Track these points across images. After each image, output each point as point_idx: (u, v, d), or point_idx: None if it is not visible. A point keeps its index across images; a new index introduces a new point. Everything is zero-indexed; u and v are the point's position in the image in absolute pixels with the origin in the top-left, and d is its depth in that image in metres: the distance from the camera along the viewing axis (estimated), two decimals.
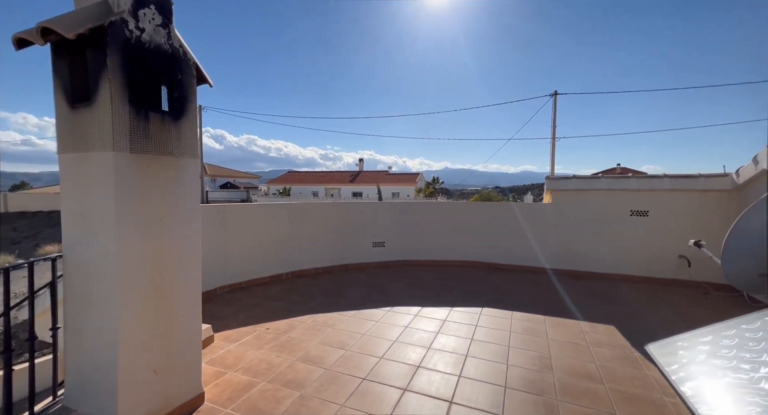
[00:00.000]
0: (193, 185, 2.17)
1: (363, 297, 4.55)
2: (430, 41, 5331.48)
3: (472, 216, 6.33)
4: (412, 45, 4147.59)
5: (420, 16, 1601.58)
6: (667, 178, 5.02)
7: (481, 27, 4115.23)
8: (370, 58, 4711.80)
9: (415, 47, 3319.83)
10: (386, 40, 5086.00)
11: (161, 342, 2.01)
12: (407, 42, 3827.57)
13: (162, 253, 1.99)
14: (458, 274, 5.76)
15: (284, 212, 5.42)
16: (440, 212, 6.45)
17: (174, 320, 2.09)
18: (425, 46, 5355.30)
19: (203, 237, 4.46)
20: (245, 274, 4.94)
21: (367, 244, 6.19)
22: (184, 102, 2.09)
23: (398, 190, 38.81)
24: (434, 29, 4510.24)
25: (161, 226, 1.98)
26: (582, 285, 5.16)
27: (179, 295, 2.11)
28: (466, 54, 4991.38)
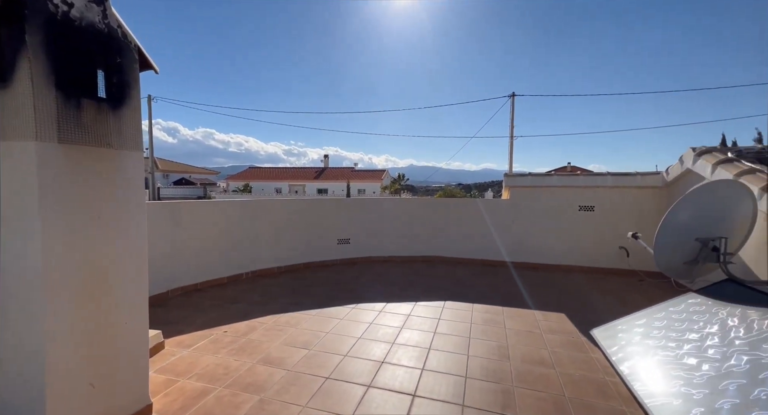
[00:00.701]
0: (136, 180, 1.99)
1: (328, 295, 4.49)
2: (398, 39, 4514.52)
3: (437, 212, 6.47)
4: (379, 43, 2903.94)
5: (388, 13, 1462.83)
6: (610, 176, 5.47)
7: (447, 28, 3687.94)
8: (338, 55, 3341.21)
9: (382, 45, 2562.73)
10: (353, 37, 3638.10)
11: (101, 352, 1.83)
12: (374, 40, 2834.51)
13: (99, 255, 1.81)
14: (423, 269, 5.87)
15: (243, 209, 5.18)
16: (405, 209, 6.52)
17: (115, 328, 1.91)
18: (393, 45, 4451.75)
19: (153, 236, 4.17)
20: (201, 275, 4.66)
21: (332, 241, 6.11)
22: (124, 89, 1.90)
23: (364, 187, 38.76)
24: (403, 27, 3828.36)
25: (98, 225, 1.79)
26: (537, 276, 5.48)
27: (121, 300, 1.94)
28: (432, 53, 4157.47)
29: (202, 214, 4.67)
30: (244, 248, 5.16)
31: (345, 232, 6.20)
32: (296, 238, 5.75)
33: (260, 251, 5.35)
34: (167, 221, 4.24)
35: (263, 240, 5.38)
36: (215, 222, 4.82)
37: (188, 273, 4.52)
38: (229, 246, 4.97)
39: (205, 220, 4.69)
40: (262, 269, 5.38)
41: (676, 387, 2.01)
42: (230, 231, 4.99)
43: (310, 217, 5.91)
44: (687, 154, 4.62)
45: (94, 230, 1.78)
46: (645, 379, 2.20)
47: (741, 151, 4.21)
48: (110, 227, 1.85)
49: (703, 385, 1.91)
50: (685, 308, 2.72)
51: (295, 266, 5.74)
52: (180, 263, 4.41)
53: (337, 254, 6.15)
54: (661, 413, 1.88)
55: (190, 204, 4.58)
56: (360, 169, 44.52)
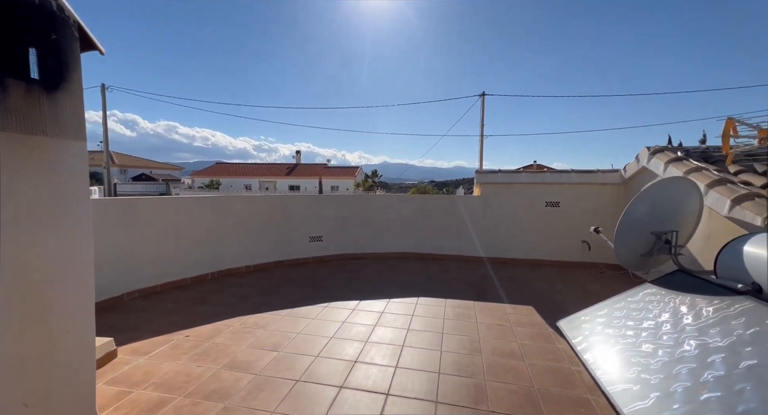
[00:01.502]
0: (78, 173, 1.78)
1: (299, 294, 4.35)
2: (371, 35, 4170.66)
3: (410, 208, 6.48)
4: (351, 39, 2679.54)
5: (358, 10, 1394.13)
6: (574, 173, 5.72)
7: (418, 24, 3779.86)
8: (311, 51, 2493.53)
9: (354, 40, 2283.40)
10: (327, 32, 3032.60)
11: (35, 366, 1.63)
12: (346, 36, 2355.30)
13: (31, 256, 1.60)
14: (397, 266, 5.86)
15: (206, 205, 4.91)
16: (378, 205, 6.47)
17: (54, 339, 1.71)
18: (365, 40, 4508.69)
19: (105, 235, 3.84)
20: (161, 276, 4.36)
21: (303, 238, 5.95)
22: (62, 70, 1.69)
23: (337, 184, 38.34)
24: (374, 23, 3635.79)
25: (29, 223, 1.59)
26: (507, 270, 5.64)
27: (61, 307, 1.74)
28: (405, 50, 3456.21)
29: (159, 211, 4.36)
30: (208, 247, 4.89)
31: (317, 229, 6.06)
32: (265, 235, 5.54)
33: (226, 250, 5.10)
34: (121, 218, 3.92)
35: (229, 238, 5.13)
36: (174, 220, 4.52)
37: (146, 274, 4.21)
38: (191, 245, 4.69)
39: (163, 217, 4.39)
40: (229, 269, 5.13)
41: (635, 373, 2.11)
42: (191, 229, 4.71)
43: (279, 213, 5.71)
44: (642, 153, 4.91)
45: (23, 229, 1.57)
46: (606, 367, 2.30)
47: (688, 151, 4.54)
48: (44, 225, 1.64)
49: (658, 370, 2.01)
50: (642, 298, 2.87)
51: (265, 265, 5.53)
52: (136, 263, 4.09)
53: (309, 251, 6.00)
54: (622, 398, 1.96)
55: (145, 201, 4.26)
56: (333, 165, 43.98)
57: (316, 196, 6.33)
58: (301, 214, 5.92)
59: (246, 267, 5.32)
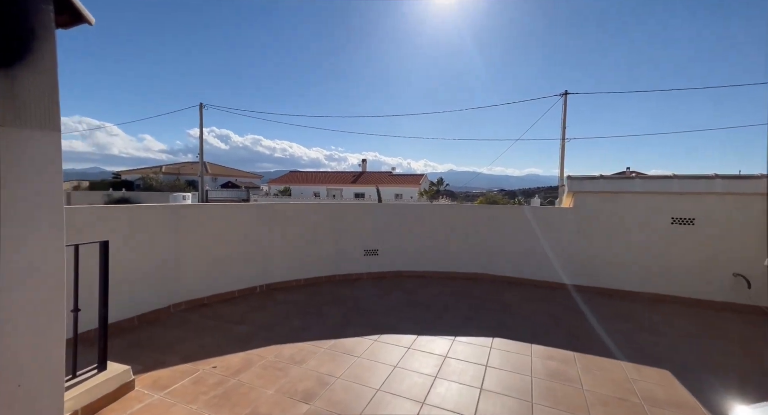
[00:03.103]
0: (43, 172, 1.37)
1: (346, 318, 3.73)
2: (436, 40, 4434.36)
3: (478, 221, 5.49)
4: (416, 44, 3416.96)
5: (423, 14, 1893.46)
6: (720, 179, 4.14)
7: (487, 24, 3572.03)
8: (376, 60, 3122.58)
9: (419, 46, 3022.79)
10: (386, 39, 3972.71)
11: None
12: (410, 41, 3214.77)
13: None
14: (462, 289, 4.92)
15: (257, 213, 4.63)
16: (442, 216, 5.61)
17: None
18: (430, 45, 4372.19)
19: (152, 244, 3.71)
20: (209, 288, 4.14)
21: (357, 252, 5.38)
22: (24, 39, 1.29)
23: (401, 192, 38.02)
24: (439, 27, 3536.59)
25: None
26: (613, 306, 4.29)
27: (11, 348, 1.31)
28: (473, 52, 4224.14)
29: (210, 219, 4.16)
30: (258, 258, 4.59)
31: (373, 241, 5.44)
32: (317, 247, 5.09)
33: (276, 262, 4.76)
34: (169, 226, 3.77)
35: (280, 249, 4.79)
36: (226, 228, 4.29)
37: (195, 286, 4.01)
38: (240, 255, 4.42)
39: (213, 225, 4.18)
40: (278, 282, 4.78)
41: None
42: (243, 238, 4.45)
43: (333, 223, 5.23)
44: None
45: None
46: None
47: None
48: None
49: None
50: None
51: (316, 279, 5.07)
52: (185, 274, 3.91)
53: (363, 266, 5.40)
54: None
55: (195, 208, 4.09)
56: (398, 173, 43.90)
57: (372, 205, 5.74)
58: (356, 224, 5.37)
59: (296, 281, 4.93)
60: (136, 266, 3.46)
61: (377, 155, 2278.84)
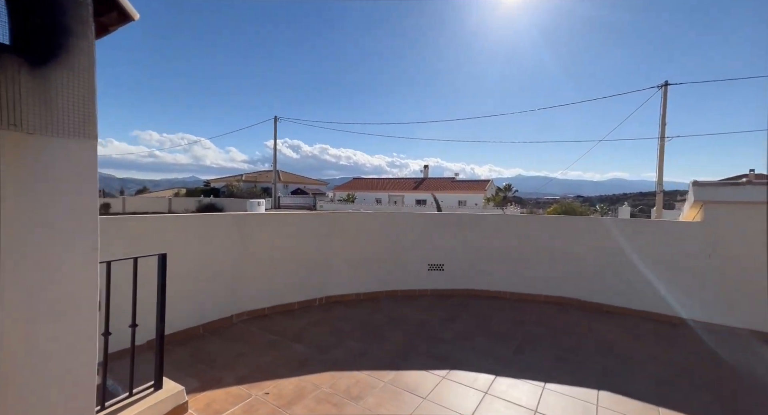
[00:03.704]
0: (78, 187, 1.22)
1: (409, 344, 3.30)
2: (501, 39, 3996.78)
3: (563, 234, 4.63)
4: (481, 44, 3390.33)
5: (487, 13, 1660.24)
6: None
7: (556, 20, 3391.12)
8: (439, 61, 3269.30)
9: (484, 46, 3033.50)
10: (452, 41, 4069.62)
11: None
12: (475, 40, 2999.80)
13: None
14: (547, 316, 4.13)
15: (316, 222, 4.47)
16: (519, 227, 4.88)
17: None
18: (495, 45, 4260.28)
19: (217, 253, 3.73)
20: (270, 298, 4.08)
21: (420, 266, 4.93)
22: (56, 35, 1.15)
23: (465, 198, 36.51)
24: (505, 26, 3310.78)
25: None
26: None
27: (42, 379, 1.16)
28: (543, 50, 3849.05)
29: (272, 228, 4.11)
30: (318, 269, 4.43)
31: (438, 255, 4.94)
32: (377, 260, 4.78)
33: (335, 274, 4.55)
34: (234, 235, 3.77)
35: (339, 260, 4.57)
36: (285, 237, 4.20)
37: (256, 295, 3.97)
38: (301, 266, 4.30)
39: (275, 234, 4.12)
40: (337, 295, 4.56)
41: None
42: (303, 248, 4.32)
43: (392, 234, 4.87)
44: None
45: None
46: None
47: None
48: (19, 251, 1.09)
49: None
50: None
51: (375, 294, 4.75)
52: (247, 283, 3.89)
53: (427, 282, 4.93)
54: None
55: (259, 216, 4.07)
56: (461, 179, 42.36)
57: (433, 214, 5.26)
58: (417, 235, 4.93)
59: (355, 294, 4.66)
60: (203, 274, 3.50)
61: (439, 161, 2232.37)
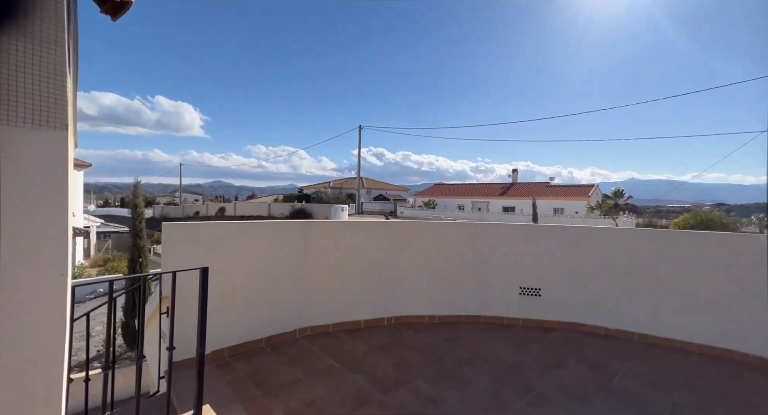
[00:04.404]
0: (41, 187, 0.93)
1: (496, 397, 2.54)
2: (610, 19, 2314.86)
3: (743, 259, 3.21)
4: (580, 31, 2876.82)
5: None
6: None
7: None
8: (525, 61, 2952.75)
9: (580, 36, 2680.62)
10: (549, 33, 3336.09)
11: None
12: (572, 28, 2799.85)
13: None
14: (706, 380, 2.84)
15: (385, 231, 3.99)
16: (649, 244, 3.59)
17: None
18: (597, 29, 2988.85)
19: (280, 262, 3.30)
20: (334, 314, 3.75)
21: (510, 288, 4.04)
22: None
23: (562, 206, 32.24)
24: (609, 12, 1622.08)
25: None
26: None
27: None
28: (666, 31, 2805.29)
29: (337, 236, 3.78)
30: (386, 285, 3.95)
31: (534, 277, 3.98)
32: (457, 277, 4.06)
33: (406, 291, 4.00)
34: (298, 243, 3.55)
35: (410, 276, 4.01)
36: (354, 247, 3.83)
37: (321, 310, 3.68)
38: (369, 280, 3.88)
39: (341, 244, 3.78)
40: (409, 316, 4.00)
41: None
42: (371, 260, 3.90)
43: (474, 249, 4.09)
44: None
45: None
46: None
47: None
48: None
49: None
50: None
51: (453, 318, 4.04)
52: (311, 296, 3.63)
53: (518, 309, 4.00)
54: None
55: (324, 224, 3.79)
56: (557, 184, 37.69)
57: (528, 226, 4.28)
58: (508, 250, 4.05)
59: (428, 317, 4.03)
60: (266, 284, 3.33)
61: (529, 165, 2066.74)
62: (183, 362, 2.81)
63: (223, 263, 3.04)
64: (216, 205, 35.07)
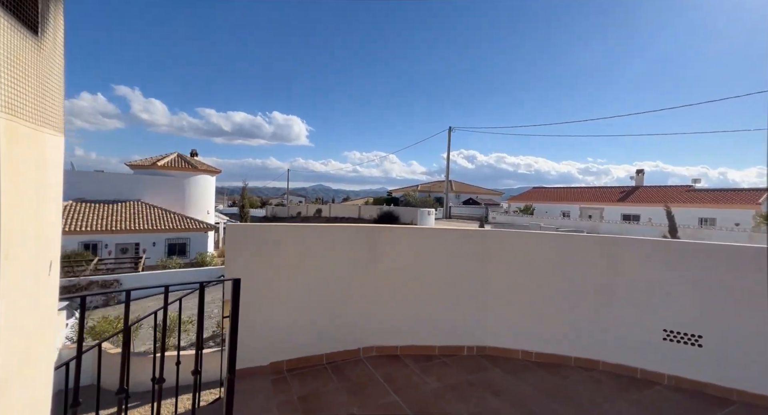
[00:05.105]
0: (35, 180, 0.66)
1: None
2: None
3: None
4: None
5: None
6: None
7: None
8: None
9: None
10: None
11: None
12: None
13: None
14: None
15: (466, 241, 3.28)
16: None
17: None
18: None
19: (348, 271, 2.86)
20: (403, 335, 3.24)
21: (647, 329, 2.88)
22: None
23: (713, 215, 25.20)
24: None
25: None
26: None
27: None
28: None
29: (409, 244, 3.26)
30: (469, 306, 3.25)
31: (687, 316, 2.75)
32: (562, 303, 3.10)
33: (494, 316, 3.23)
34: (364, 251, 3.15)
35: (502, 296, 3.22)
36: (426, 259, 3.26)
37: (388, 329, 3.22)
38: (445, 298, 3.25)
39: (412, 253, 3.24)
40: (494, 348, 3.22)
41: None
42: (448, 274, 3.26)
43: (598, 268, 3.05)
44: None
45: None
46: None
47: None
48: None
49: None
50: None
51: (557, 358, 3.09)
52: (378, 311, 3.19)
53: (661, 361, 2.82)
54: None
55: (394, 230, 3.30)
56: (703, 188, 29.72)
57: (680, 244, 3.00)
58: (643, 276, 2.89)
59: (523, 353, 3.17)
60: (329, 295, 3.03)
61: (659, 165, 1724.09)
62: (247, 370, 2.69)
63: (284, 268, 2.85)
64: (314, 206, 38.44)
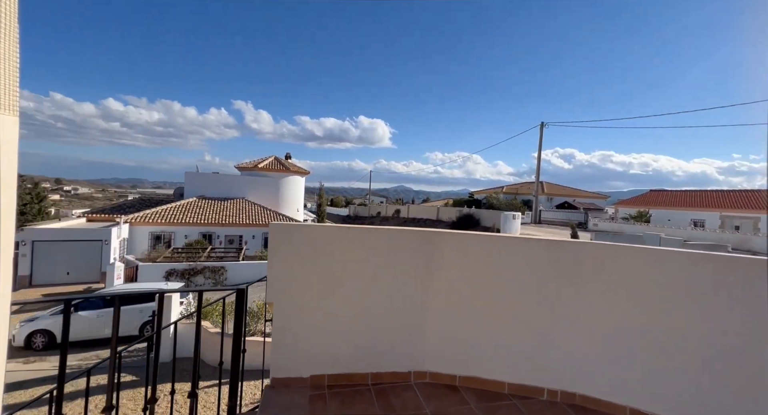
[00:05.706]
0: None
1: None
2: None
3: None
4: None
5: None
6: None
7: None
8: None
9: None
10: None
11: None
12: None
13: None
14: None
15: (544, 253, 2.54)
16: None
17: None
18: None
19: (397, 280, 2.51)
20: (463, 363, 2.68)
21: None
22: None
23: None
24: None
25: None
26: None
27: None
28: None
29: (475, 254, 2.68)
30: (554, 338, 2.52)
31: None
32: (706, 353, 2.14)
33: (580, 355, 2.43)
34: (418, 259, 2.69)
35: (587, 331, 2.41)
36: (498, 272, 2.64)
37: (444, 353, 2.71)
38: (521, 323, 2.59)
39: (480, 265, 2.66)
40: (586, 397, 2.43)
41: None
42: (528, 297, 2.58)
43: (725, 296, 2.02)
44: None
45: None
46: None
47: None
48: None
49: None
50: None
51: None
52: (432, 331, 2.71)
53: None
54: None
55: (454, 236, 2.74)
56: None
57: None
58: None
59: (631, 410, 2.30)
60: (376, 307, 2.68)
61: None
62: (285, 380, 2.52)
63: (326, 269, 2.60)
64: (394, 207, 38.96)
